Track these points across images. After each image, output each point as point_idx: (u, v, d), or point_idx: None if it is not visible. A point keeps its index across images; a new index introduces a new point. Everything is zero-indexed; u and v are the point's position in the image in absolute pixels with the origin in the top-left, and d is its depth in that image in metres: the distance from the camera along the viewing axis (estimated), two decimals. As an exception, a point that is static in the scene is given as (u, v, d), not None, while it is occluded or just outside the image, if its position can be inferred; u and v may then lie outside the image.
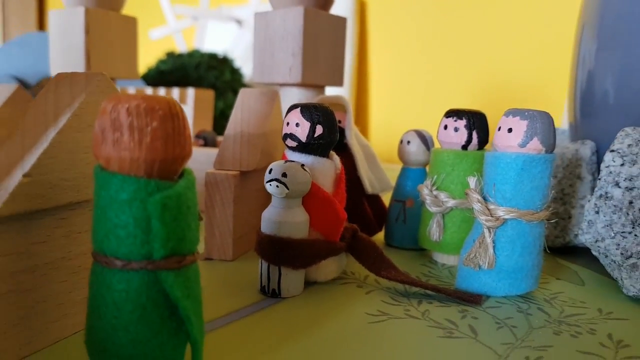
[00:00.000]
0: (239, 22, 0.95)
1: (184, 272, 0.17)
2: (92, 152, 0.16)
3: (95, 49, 0.42)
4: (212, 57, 0.88)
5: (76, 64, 0.42)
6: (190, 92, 0.58)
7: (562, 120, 0.55)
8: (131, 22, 0.45)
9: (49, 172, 0.19)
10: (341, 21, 0.41)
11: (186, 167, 0.18)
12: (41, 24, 1.64)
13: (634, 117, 0.35)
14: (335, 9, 0.85)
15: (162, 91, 0.60)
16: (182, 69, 0.87)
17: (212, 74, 0.86)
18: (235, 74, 0.89)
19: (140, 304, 0.16)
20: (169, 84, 0.85)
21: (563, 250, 0.36)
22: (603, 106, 0.37)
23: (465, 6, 0.86)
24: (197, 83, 0.85)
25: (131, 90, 0.63)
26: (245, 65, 0.99)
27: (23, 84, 0.82)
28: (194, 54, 0.88)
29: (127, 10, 0.47)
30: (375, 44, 0.96)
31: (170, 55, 0.90)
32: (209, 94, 0.62)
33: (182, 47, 0.94)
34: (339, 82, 0.41)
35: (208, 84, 0.85)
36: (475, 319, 0.24)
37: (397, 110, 0.95)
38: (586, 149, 0.36)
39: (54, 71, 0.44)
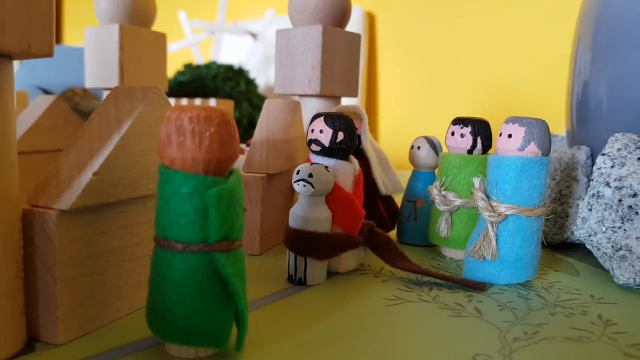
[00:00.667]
0: (253, 35, 0.99)
1: (233, 254, 0.20)
2: (157, 153, 0.20)
3: (128, 63, 0.46)
4: (228, 68, 0.92)
5: (110, 76, 0.46)
6: (212, 102, 0.62)
7: (563, 128, 0.58)
8: (161, 38, 0.48)
9: (114, 172, 0.22)
10: (356, 37, 0.44)
11: (234, 167, 0.21)
12: (58, 38, 1.68)
13: (625, 124, 0.38)
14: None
15: (184, 101, 0.63)
16: (199, 80, 0.91)
17: (228, 85, 0.89)
18: (250, 84, 0.93)
19: (197, 281, 0.19)
20: (187, 94, 0.88)
21: (561, 246, 0.39)
22: (597, 114, 0.40)
23: (469, 19, 0.89)
24: (214, 93, 0.88)
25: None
26: (259, 76, 1.03)
27: (47, 94, 0.85)
28: (211, 66, 0.92)
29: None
30: (384, 55, 1.00)
31: (188, 67, 0.94)
32: (229, 104, 0.66)
33: (199, 59, 0.98)
34: (354, 93, 0.44)
35: (224, 94, 0.88)
36: (480, 302, 0.27)
37: (405, 118, 0.98)
38: (581, 154, 0.39)
39: (89, 83, 0.47)
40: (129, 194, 0.23)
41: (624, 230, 0.31)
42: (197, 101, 0.62)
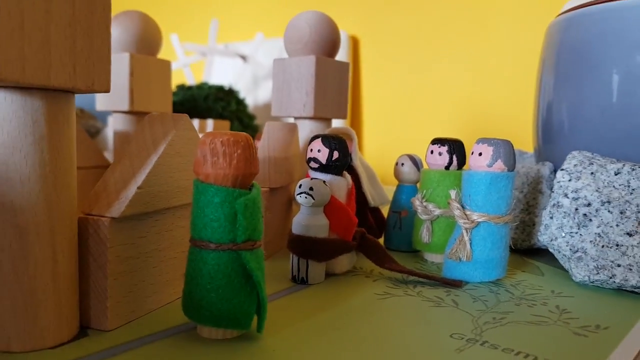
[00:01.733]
0: (243, 57, 1.04)
1: (256, 252, 0.25)
2: (194, 170, 0.24)
3: (138, 88, 0.50)
4: (219, 89, 0.96)
5: (121, 100, 0.50)
6: (210, 122, 0.66)
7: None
8: (166, 65, 0.53)
9: (153, 186, 0.27)
10: (345, 65, 0.49)
11: (254, 181, 0.25)
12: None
13: (584, 142, 0.43)
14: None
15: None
16: (192, 100, 0.95)
17: (220, 105, 0.94)
18: (241, 104, 0.97)
19: (227, 274, 0.24)
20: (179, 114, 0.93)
21: (529, 251, 0.44)
22: (559, 133, 0.46)
23: (446, 45, 0.95)
24: (206, 113, 0.93)
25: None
26: (248, 96, 1.07)
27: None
28: (203, 87, 0.96)
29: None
30: (367, 77, 1.05)
31: (181, 87, 0.98)
32: (225, 124, 0.70)
33: (191, 80, 1.02)
34: (343, 116, 0.49)
35: (216, 114, 0.93)
36: (457, 296, 0.32)
37: (388, 137, 1.03)
38: (546, 169, 0.45)
39: (100, 105, 0.52)
40: (164, 204, 0.28)
41: (580, 234, 0.36)
42: (195, 122, 0.67)
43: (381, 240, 0.45)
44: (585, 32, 0.44)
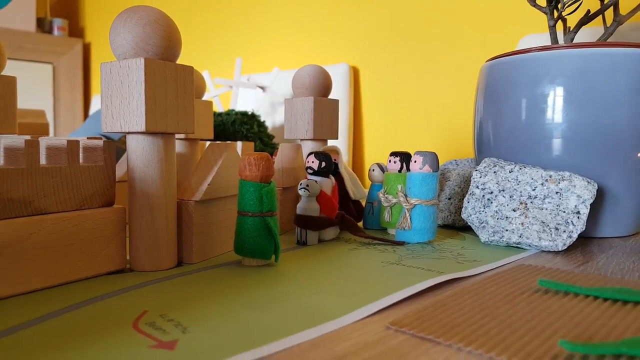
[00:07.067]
0: (262, 87, 1.25)
1: (274, 218, 0.45)
2: (238, 173, 0.44)
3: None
4: (244, 114, 1.18)
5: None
6: (239, 144, 0.87)
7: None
8: (209, 104, 0.74)
9: (215, 184, 0.47)
10: (335, 102, 0.70)
11: (272, 180, 0.46)
12: (86, 91, 1.95)
13: (503, 152, 0.63)
14: (336, 74, 1.15)
15: (218, 143, 0.89)
16: (221, 125, 1.16)
17: (244, 128, 1.15)
18: (262, 126, 1.18)
19: (257, 229, 0.44)
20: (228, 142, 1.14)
21: (464, 228, 0.64)
22: (487, 145, 0.65)
23: (431, 73, 1.15)
24: (234, 135, 1.14)
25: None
26: (267, 119, 1.29)
27: (109, 139, 1.11)
28: (230, 113, 1.18)
29: (204, 96, 0.75)
30: (366, 101, 1.26)
31: (212, 114, 1.19)
32: (250, 145, 0.91)
33: (220, 108, 1.23)
34: (335, 137, 0.70)
35: (241, 136, 1.14)
36: (398, 249, 0.52)
37: (384, 148, 1.23)
38: (474, 171, 0.64)
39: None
40: (222, 194, 0.48)
41: (485, 212, 0.56)
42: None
43: (361, 223, 0.65)
44: (503, 73, 0.63)
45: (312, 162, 0.55)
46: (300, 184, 0.53)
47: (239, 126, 1.15)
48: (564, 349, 0.27)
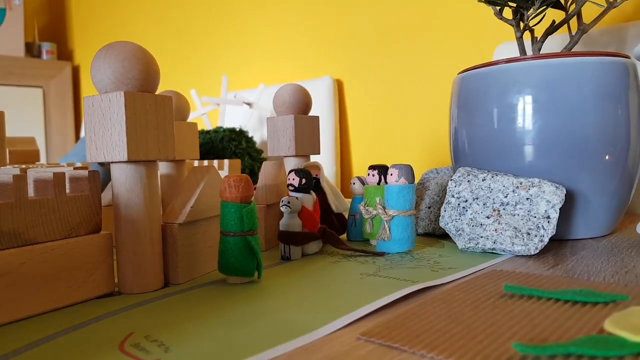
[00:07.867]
0: (249, 104, 1.27)
1: (255, 237, 0.47)
2: (220, 195, 0.46)
3: (177, 142, 0.73)
4: (232, 130, 1.20)
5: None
6: (226, 162, 0.89)
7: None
8: (194, 126, 0.76)
9: (198, 206, 0.49)
10: (316, 119, 0.72)
11: (252, 199, 0.48)
12: (76, 113, 1.97)
13: (478, 160, 0.65)
14: (320, 88, 1.18)
15: (206, 162, 0.91)
16: (210, 142, 1.19)
17: (233, 144, 1.17)
18: (250, 142, 1.21)
19: (239, 248, 0.46)
20: (202, 154, 1.16)
21: (444, 235, 0.66)
22: (462, 153, 0.68)
23: (415, 85, 1.18)
24: (222, 152, 1.16)
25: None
26: (255, 135, 1.31)
27: (101, 164, 1.13)
28: (218, 130, 1.20)
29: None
30: (352, 113, 1.28)
31: (201, 132, 1.21)
32: (237, 162, 0.93)
33: (208, 125, 1.26)
34: (317, 152, 0.72)
35: (230, 152, 1.16)
36: (378, 259, 0.54)
37: (369, 159, 1.26)
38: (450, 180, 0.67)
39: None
40: (204, 215, 0.50)
41: (461, 220, 0.58)
42: (215, 162, 0.90)
43: (344, 235, 0.67)
44: (474, 84, 0.66)
45: (293, 179, 0.57)
46: (282, 201, 0.55)
47: (227, 143, 1.17)
48: (517, 351, 0.29)
